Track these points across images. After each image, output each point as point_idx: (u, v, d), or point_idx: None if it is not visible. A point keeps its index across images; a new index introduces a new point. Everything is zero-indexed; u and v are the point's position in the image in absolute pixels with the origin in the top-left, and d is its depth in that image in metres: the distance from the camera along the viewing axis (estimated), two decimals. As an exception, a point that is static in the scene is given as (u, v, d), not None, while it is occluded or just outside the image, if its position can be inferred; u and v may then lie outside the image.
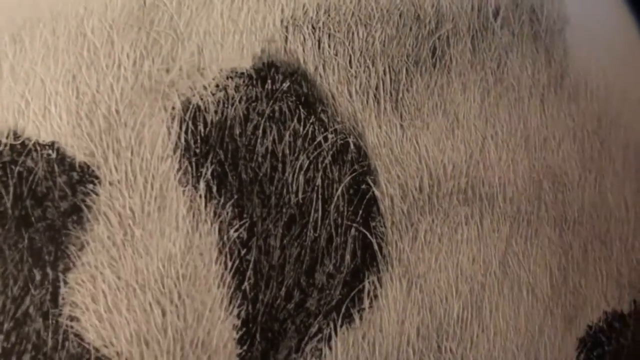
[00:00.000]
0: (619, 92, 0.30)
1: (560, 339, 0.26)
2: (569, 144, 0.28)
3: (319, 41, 0.25)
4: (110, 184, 0.22)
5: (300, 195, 0.24)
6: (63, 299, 0.20)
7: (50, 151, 0.21)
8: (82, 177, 0.22)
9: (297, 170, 0.24)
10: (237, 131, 0.24)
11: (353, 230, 0.24)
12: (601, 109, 0.30)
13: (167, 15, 0.24)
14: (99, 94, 0.23)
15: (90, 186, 0.22)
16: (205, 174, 0.23)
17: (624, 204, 0.29)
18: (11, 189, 0.21)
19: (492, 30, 0.28)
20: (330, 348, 0.23)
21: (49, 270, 0.21)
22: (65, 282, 0.21)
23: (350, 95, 0.25)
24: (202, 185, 0.23)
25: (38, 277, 0.20)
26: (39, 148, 0.21)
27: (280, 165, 0.24)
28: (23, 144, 0.21)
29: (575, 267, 0.27)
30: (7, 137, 0.21)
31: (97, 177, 0.22)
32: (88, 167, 0.22)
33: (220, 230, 0.22)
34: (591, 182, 0.28)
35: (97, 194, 0.22)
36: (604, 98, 0.30)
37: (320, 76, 0.25)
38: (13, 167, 0.21)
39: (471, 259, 0.25)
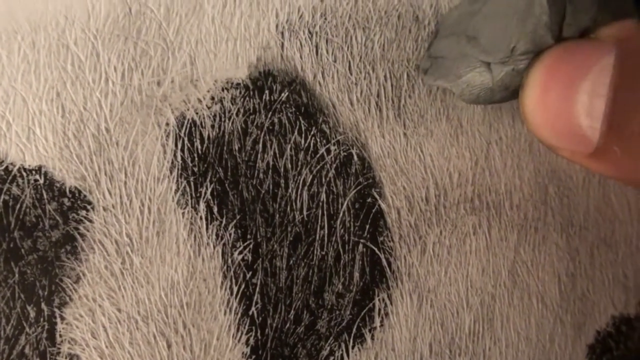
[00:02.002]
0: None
1: (571, 346, 0.26)
2: (573, 146, 0.28)
3: (317, 47, 0.25)
4: (105, 209, 0.21)
5: (305, 212, 0.23)
6: (61, 336, 0.20)
7: (37, 176, 0.20)
8: (74, 203, 0.21)
9: (300, 186, 0.23)
10: (236, 146, 0.23)
11: (361, 246, 0.24)
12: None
13: (155, 23, 0.23)
14: (87, 112, 0.21)
15: (83, 213, 0.21)
16: (205, 193, 0.22)
17: (627, 206, 0.29)
18: (-3, 220, 0.20)
19: (491, 30, 0.28)
20: (342, 371, 0.23)
21: (43, 306, 0.20)
22: (62, 318, 0.20)
23: (352, 104, 0.25)
24: (202, 206, 0.22)
25: (32, 314, 0.19)
26: (24, 173, 0.20)
27: (282, 181, 0.23)
28: (7, 170, 0.20)
29: (583, 273, 0.27)
30: (-11, 163, 0.20)
31: (89, 203, 0.21)
32: (79, 192, 0.21)
33: (223, 253, 0.22)
34: (595, 185, 0.28)
35: (90, 221, 0.21)
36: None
37: (320, 84, 0.24)
38: (-2, 195, 0.20)
39: (481, 270, 0.25)
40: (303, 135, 0.24)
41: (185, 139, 0.22)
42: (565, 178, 0.28)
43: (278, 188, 0.23)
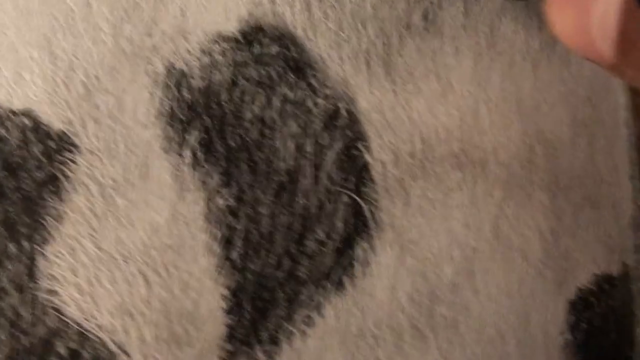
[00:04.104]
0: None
1: (552, 302, 0.24)
2: (562, 109, 0.25)
3: (308, 3, 0.22)
4: (90, 152, 0.19)
5: (290, 162, 0.21)
6: (41, 272, 0.18)
7: (24, 119, 0.18)
8: (60, 145, 0.19)
9: (286, 137, 0.21)
10: (224, 97, 0.21)
11: (344, 197, 0.21)
12: (592, 73, 0.27)
13: (148, -25, 0.20)
14: (77, 60, 0.19)
15: (68, 155, 0.19)
16: (191, 141, 0.20)
17: (614, 168, 0.26)
18: (-17, 159, 0.18)
19: (484, -7, 0.25)
20: (321, 315, 0.20)
21: (24, 242, 0.18)
22: (43, 255, 0.18)
23: (341, 60, 0.22)
24: (187, 152, 0.20)
25: (14, 250, 0.18)
26: (12, 116, 0.18)
27: (269, 131, 0.21)
28: (-5, 112, 0.18)
29: (566, 231, 0.24)
30: (-23, 105, 0.18)
31: (75, 145, 0.19)
32: (66, 135, 0.19)
33: (207, 199, 0.20)
34: (583, 147, 0.25)
35: (75, 163, 0.19)
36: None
37: (310, 40, 0.22)
38: (-15, 135, 0.18)
39: (464, 224, 0.22)
40: (291, 88, 0.21)
41: (174, 88, 0.20)
42: (552, 138, 0.25)
43: (264, 138, 0.21)
